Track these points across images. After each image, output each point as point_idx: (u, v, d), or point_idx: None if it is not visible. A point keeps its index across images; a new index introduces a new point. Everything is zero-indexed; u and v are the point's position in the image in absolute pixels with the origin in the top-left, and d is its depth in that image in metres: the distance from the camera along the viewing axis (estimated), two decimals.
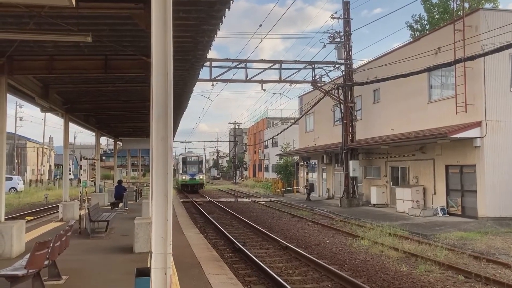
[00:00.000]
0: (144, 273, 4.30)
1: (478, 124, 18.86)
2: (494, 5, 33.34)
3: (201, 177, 48.45)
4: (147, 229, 10.96)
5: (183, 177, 47.66)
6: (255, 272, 11.17)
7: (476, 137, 18.84)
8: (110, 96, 17.07)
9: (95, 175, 31.09)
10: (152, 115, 4.15)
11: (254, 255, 12.72)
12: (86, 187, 15.50)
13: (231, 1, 7.97)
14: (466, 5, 24.91)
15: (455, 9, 26.19)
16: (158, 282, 4.00)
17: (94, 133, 28.11)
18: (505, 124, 18.92)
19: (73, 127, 23.96)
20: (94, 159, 29.94)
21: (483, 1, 32.85)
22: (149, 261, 4.22)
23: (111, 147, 74.42)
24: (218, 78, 26.89)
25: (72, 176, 57.06)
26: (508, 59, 19.07)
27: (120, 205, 22.50)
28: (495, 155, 18.80)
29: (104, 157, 79.01)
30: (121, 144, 35.30)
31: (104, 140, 79.88)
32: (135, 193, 29.89)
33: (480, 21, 18.91)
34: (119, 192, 23.05)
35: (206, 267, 9.40)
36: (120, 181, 25.24)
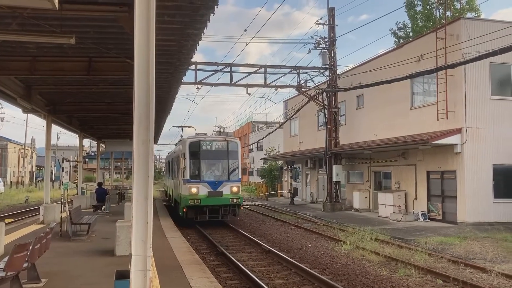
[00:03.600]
0: (124, 275, 4.32)
1: (458, 131, 19.18)
2: (476, 15, 33.98)
3: (234, 188, 19.82)
4: (129, 232, 10.85)
5: (192, 189, 19.23)
6: (237, 276, 11.21)
7: (457, 144, 19.15)
8: (94, 98, 16.97)
9: (77, 177, 30.78)
10: (133, 117, 4.18)
11: (236, 259, 12.76)
12: (68, 189, 15.36)
13: (215, 6, 8.03)
14: (449, 13, 25.36)
15: (438, 17, 26.65)
16: (137, 284, 4.03)
17: (77, 135, 27.87)
18: (484, 131, 19.28)
19: (56, 128, 23.79)
20: (77, 161, 29.65)
21: (465, 11, 33.45)
22: (130, 263, 4.24)
23: (94, 149, 73.74)
24: (203, 81, 26.92)
25: (54, 178, 56.37)
26: (488, 68, 19.45)
27: (103, 207, 22.32)
28: (474, 161, 19.14)
29: (87, 159, 78.18)
30: (104, 146, 35.04)
31: (87, 142, 79.09)
32: (117, 195, 29.66)
33: (461, 30, 19.28)
34: (101, 195, 22.87)
35: (187, 270, 9.40)
36: (100, 183, 25.06)
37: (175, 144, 29.99)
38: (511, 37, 16.07)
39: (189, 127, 29.56)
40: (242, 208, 21.86)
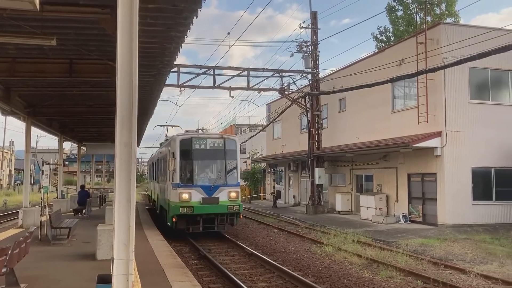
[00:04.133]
0: (105, 279, 4.27)
1: (438, 134, 19.49)
2: (455, 20, 34.60)
3: (233, 194, 17.04)
4: (110, 236, 10.79)
5: (183, 195, 16.35)
6: (220, 279, 11.18)
7: (437, 147, 19.46)
8: (75, 100, 16.77)
9: (57, 180, 30.33)
10: (116, 120, 4.15)
11: (219, 262, 12.73)
12: (48, 193, 15.12)
13: (199, 9, 8.02)
14: (429, 18, 25.77)
15: (418, 22, 27.06)
16: None
17: (57, 138, 27.47)
18: (463, 134, 19.62)
19: (35, 131, 23.43)
20: (57, 164, 29.21)
21: (445, 16, 34.02)
22: (111, 267, 4.20)
23: (75, 152, 72.74)
24: (186, 84, 26.82)
25: (33, 181, 55.42)
26: (467, 72, 19.81)
27: (84, 211, 22.03)
28: (454, 164, 19.45)
29: (67, 162, 77.08)
30: (85, 149, 34.59)
31: (67, 145, 78.02)
32: (99, 199, 29.32)
33: (441, 35, 19.61)
34: (83, 197, 22.60)
35: (170, 274, 9.33)
36: (82, 186, 24.75)
37: (160, 144, 26.42)
38: (489, 42, 16.38)
39: (174, 126, 27.81)
40: (241, 217, 18.31)
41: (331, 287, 10.44)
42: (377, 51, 30.34)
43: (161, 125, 27.31)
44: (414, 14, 35.89)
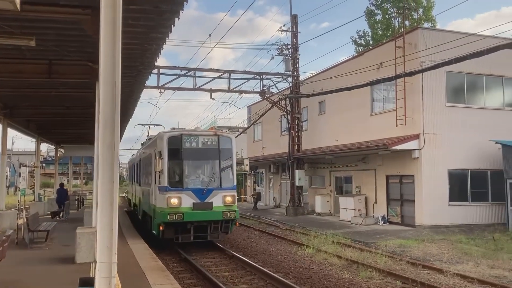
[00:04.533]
0: (87, 283, 4.24)
1: (416, 136, 19.83)
2: (432, 25, 35.25)
3: (228, 198, 15.09)
4: (90, 239, 10.69)
5: (172, 200, 14.33)
6: (201, 282, 11.15)
7: (415, 149, 19.79)
8: (53, 102, 16.52)
9: (34, 183, 29.77)
10: (98, 121, 4.14)
11: (200, 265, 12.70)
12: (24, 196, 14.86)
13: (180, 11, 8.01)
14: (407, 23, 26.19)
15: (397, 27, 27.49)
16: None
17: (34, 139, 26.99)
18: (441, 137, 19.99)
19: (11, 132, 22.91)
20: (34, 166, 28.69)
21: (422, 21, 34.64)
22: (91, 270, 4.17)
23: (52, 154, 71.47)
24: (166, 85, 26.71)
25: (8, 184, 54.24)
26: (444, 76, 20.22)
27: (61, 214, 21.70)
28: (431, 166, 19.81)
29: (43, 165, 75.71)
30: (62, 151, 34.06)
31: (44, 147, 76.61)
32: (77, 202, 28.90)
33: (418, 39, 19.98)
34: (62, 196, 22.28)
35: (151, 277, 9.28)
36: (61, 184, 24.38)
37: (142, 144, 24.34)
38: (465, 47, 16.76)
39: (157, 125, 26.74)
40: (238, 224, 16.46)
41: None
42: (356, 54, 30.72)
43: (142, 124, 26.68)
44: (393, 19, 36.46)
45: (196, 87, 27.00)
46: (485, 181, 20.71)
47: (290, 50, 28.63)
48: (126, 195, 39.21)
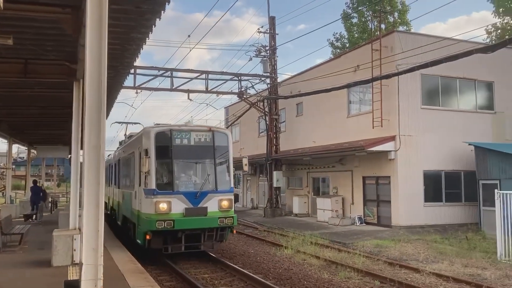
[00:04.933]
0: (72, 285, 4.17)
1: (392, 138, 20.15)
2: (407, 28, 35.92)
3: (225, 202, 13.39)
4: (66, 242, 10.52)
5: (161, 205, 12.58)
6: (180, 284, 11.08)
7: (391, 151, 20.11)
8: (28, 102, 16.14)
9: (4, 185, 29.06)
10: (81, 122, 4.08)
11: (179, 267, 12.60)
12: None
13: (162, 11, 7.96)
14: (383, 26, 26.64)
15: (372, 29, 27.92)
16: None
17: (6, 140, 26.32)
18: (416, 138, 20.37)
19: None
20: (5, 168, 27.98)
21: (397, 24, 35.26)
22: (69, 273, 4.11)
23: (22, 155, 69.82)
24: (143, 86, 26.48)
25: None
26: (419, 79, 20.62)
27: (34, 217, 21.24)
28: (407, 167, 20.17)
29: (14, 166, 73.85)
30: (35, 152, 33.32)
31: (14, 148, 74.64)
32: (50, 204, 28.32)
33: (395, 42, 20.33)
34: (36, 194, 21.80)
35: (130, 280, 9.17)
36: (35, 181, 23.83)
37: (120, 143, 22.36)
38: (440, 50, 17.13)
39: (135, 123, 25.42)
40: (235, 232, 15.10)
41: None
42: (333, 57, 31.07)
43: (119, 122, 26.04)
44: (369, 22, 37.02)
45: (173, 87, 26.85)
46: (459, 182, 21.20)
47: (268, 51, 28.74)
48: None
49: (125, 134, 23.38)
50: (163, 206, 12.45)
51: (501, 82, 22.67)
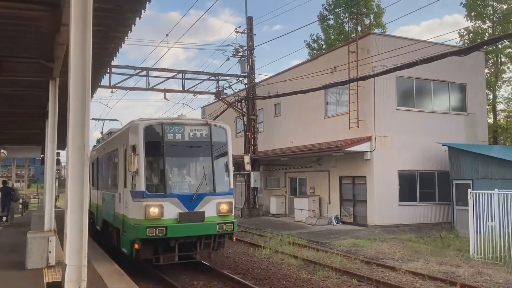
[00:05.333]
0: (56, 286, 4.11)
1: (368, 139, 20.45)
2: (382, 31, 36.46)
3: (224, 206, 11.86)
4: (41, 244, 10.32)
5: (151, 210, 10.94)
6: (159, 285, 10.99)
7: (367, 151, 20.41)
8: (0, 101, 15.72)
9: None
10: (68, 123, 4.02)
11: (157, 269, 12.49)
12: None
13: (142, 10, 7.88)
14: (359, 28, 26.99)
15: (348, 31, 28.26)
16: None
17: None
18: (391, 139, 20.72)
19: None
20: None
21: (373, 27, 35.77)
22: (45, 276, 4.04)
23: None
24: (119, 85, 26.14)
25: None
26: (394, 81, 20.98)
27: (4, 219, 20.70)
28: (382, 167, 20.49)
29: None
30: (5, 152, 32.48)
31: None
32: (21, 205, 27.66)
33: (371, 45, 20.64)
34: (7, 195, 21.24)
35: (109, 282, 9.06)
36: (4, 182, 23.21)
37: (98, 141, 20.75)
38: (415, 53, 17.49)
39: (112, 120, 24.50)
40: (235, 239, 13.60)
41: None
42: (310, 58, 31.31)
43: (96, 119, 25.22)
44: (345, 24, 37.43)
45: (149, 87, 26.57)
46: (433, 182, 21.66)
47: (246, 52, 28.76)
48: None
49: (101, 132, 22.87)
50: (154, 210, 10.88)
51: (474, 84, 23.29)
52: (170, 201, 11.07)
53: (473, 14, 32.65)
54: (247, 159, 13.72)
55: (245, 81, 28.86)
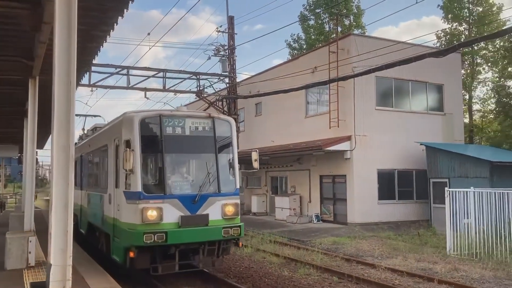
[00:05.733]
0: (40, 287, 4.11)
1: (348, 138, 20.71)
2: (362, 32, 36.90)
3: (229, 208, 10.67)
4: (21, 244, 10.22)
5: (149, 213, 9.70)
6: (142, 285, 10.97)
7: (347, 150, 20.66)
8: None
9: None
10: (52, 122, 4.03)
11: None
12: None
13: (125, 10, 7.87)
14: (339, 28, 27.29)
15: (329, 31, 28.54)
16: None
17: None
18: (370, 138, 21.02)
19: None
20: None
21: (353, 27, 36.16)
22: (25, 276, 4.03)
23: None
24: (99, 83, 25.86)
25: None
26: (374, 81, 21.28)
27: None
28: (362, 166, 20.77)
29: None
30: None
31: None
32: None
33: (351, 45, 20.90)
34: None
35: (91, 282, 9.02)
36: None
37: (81, 137, 19.57)
38: (393, 53, 17.78)
39: (95, 115, 23.64)
40: (241, 245, 11.86)
41: (254, 286, 10.73)
42: (291, 58, 31.50)
43: (78, 115, 24.46)
44: (325, 24, 37.73)
45: (130, 85, 26.36)
46: (411, 180, 22.05)
47: (227, 51, 28.76)
48: None
49: (83, 129, 22.26)
50: (152, 214, 9.65)
51: (450, 85, 23.78)
52: (170, 203, 9.89)
53: (450, 16, 33.32)
54: (255, 155, 12.00)
55: (226, 80, 28.85)
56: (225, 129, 11.29)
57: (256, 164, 12.06)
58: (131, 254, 9.59)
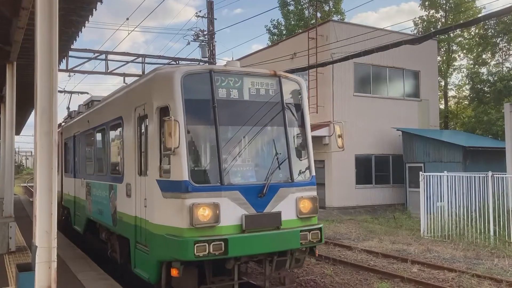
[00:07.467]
0: (26, 268, 4.23)
1: (327, 124, 20.99)
2: (341, 18, 37.10)
3: (306, 202, 7.33)
4: (1, 230, 10.24)
5: (200, 213, 6.42)
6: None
7: (325, 136, 20.95)
8: None
9: None
10: (35, 108, 4.12)
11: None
12: None
13: None
14: (318, 14, 27.42)
15: (309, 17, 28.66)
16: (42, 276, 4.02)
17: None
18: (349, 124, 21.28)
19: None
20: None
21: (332, 13, 36.32)
22: (6, 262, 4.14)
23: None
24: (76, 69, 25.53)
25: None
26: (352, 68, 21.57)
27: None
28: (340, 152, 21.03)
29: None
30: None
31: None
32: None
33: (330, 32, 21.09)
34: None
35: (72, 265, 9.12)
36: None
37: (70, 115, 16.58)
38: (372, 40, 18.07)
39: (82, 92, 21.23)
40: (317, 254, 8.60)
41: None
42: (270, 44, 31.54)
43: (62, 91, 23.21)
44: (305, 10, 37.76)
45: (108, 71, 26.09)
46: (387, 165, 22.55)
47: (207, 36, 28.66)
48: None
49: (67, 108, 20.09)
50: (205, 213, 6.60)
51: (426, 71, 24.25)
52: (229, 197, 6.83)
53: (427, 3, 33.75)
54: (339, 129, 8.78)
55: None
56: (295, 93, 8.19)
57: (340, 142, 8.73)
58: (174, 273, 6.67)
